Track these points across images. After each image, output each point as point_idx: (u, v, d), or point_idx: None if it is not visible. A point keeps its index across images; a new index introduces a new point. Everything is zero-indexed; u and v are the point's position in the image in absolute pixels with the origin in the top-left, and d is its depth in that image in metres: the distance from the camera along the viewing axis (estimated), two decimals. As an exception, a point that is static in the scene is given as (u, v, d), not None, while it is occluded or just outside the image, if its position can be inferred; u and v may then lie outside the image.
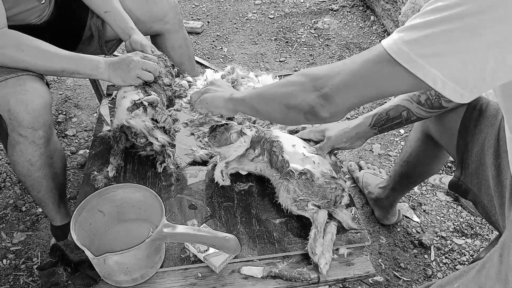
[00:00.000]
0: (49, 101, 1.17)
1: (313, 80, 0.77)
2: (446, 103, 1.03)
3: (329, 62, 2.50)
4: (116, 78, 1.23)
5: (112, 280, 0.92)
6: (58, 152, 1.30)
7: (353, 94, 0.73)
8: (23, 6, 1.30)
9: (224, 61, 2.53)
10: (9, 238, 1.57)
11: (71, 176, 1.80)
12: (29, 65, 1.15)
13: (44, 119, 1.15)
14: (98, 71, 1.21)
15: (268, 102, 0.87)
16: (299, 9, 3.00)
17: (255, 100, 0.92)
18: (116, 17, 1.41)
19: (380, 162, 1.88)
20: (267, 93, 0.89)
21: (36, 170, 1.23)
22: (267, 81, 1.38)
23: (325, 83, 0.74)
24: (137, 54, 1.27)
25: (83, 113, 2.13)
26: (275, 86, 0.87)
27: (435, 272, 1.46)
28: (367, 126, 1.10)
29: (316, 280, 0.93)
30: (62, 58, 1.18)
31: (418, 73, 0.63)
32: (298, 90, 0.79)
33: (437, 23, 0.60)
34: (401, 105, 1.06)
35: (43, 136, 1.18)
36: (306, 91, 0.77)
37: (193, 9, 3.04)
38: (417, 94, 1.05)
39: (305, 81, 0.78)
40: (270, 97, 0.87)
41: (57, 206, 1.37)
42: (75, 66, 1.19)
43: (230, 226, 1.06)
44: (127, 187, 1.00)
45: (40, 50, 1.16)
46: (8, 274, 1.46)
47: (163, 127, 1.19)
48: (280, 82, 0.86)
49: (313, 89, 0.76)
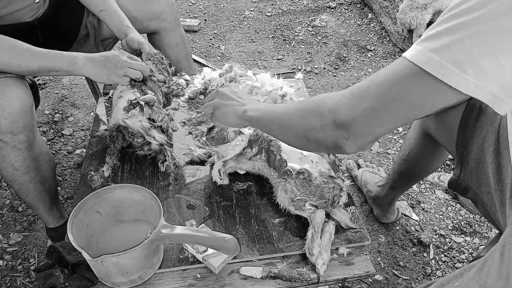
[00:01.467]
0: (28, 103, 1.12)
1: (333, 113, 0.69)
2: None
3: (327, 59, 2.50)
4: (100, 75, 1.20)
5: (110, 281, 0.91)
6: (44, 155, 1.25)
7: (381, 121, 0.65)
8: (16, 5, 1.28)
9: (221, 59, 2.52)
10: (5, 239, 1.56)
11: (68, 176, 1.78)
12: (3, 65, 1.11)
13: (24, 123, 1.10)
14: (75, 66, 1.17)
15: (285, 131, 0.81)
16: (297, 6, 2.99)
17: (273, 126, 0.85)
18: (112, 15, 1.40)
19: (378, 160, 1.88)
20: (284, 122, 0.81)
21: (21, 175, 1.20)
22: (265, 79, 1.38)
23: (347, 116, 0.67)
24: (123, 53, 1.24)
25: (79, 112, 2.12)
26: (293, 114, 0.79)
27: (434, 270, 1.46)
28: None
29: (316, 280, 0.93)
30: (37, 55, 1.14)
31: (453, 82, 0.57)
32: (318, 125, 0.71)
33: (467, 26, 0.55)
34: None
35: (24, 141, 1.13)
36: (326, 126, 0.70)
37: (190, 7, 3.02)
38: None
39: (324, 113, 0.70)
40: (288, 126, 0.80)
41: (48, 209, 1.35)
42: (51, 63, 1.15)
43: (229, 226, 1.05)
44: (124, 188, 0.99)
45: (14, 48, 1.12)
46: (4, 275, 1.44)
47: (160, 126, 1.18)
48: (297, 109, 0.78)
49: (334, 125, 0.69)
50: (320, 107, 0.71)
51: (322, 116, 0.70)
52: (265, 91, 1.33)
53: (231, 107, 0.96)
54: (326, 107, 0.70)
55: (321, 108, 0.71)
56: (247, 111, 0.91)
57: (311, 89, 2.28)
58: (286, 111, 0.82)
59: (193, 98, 1.41)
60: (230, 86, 1.06)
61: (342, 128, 0.68)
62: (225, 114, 0.97)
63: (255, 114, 0.89)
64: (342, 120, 0.67)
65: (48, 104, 2.15)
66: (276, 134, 0.86)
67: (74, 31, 1.51)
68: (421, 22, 2.22)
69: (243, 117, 0.92)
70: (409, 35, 2.36)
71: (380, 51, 2.55)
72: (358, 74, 2.39)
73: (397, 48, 2.54)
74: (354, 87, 0.69)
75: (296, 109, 0.79)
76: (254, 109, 0.91)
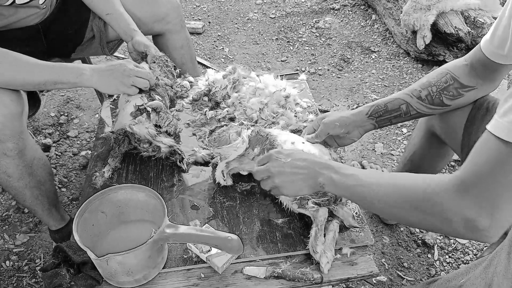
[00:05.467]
0: (16, 110, 1.08)
1: (465, 221, 0.65)
2: (448, 101, 1.03)
3: (330, 61, 2.50)
4: (108, 86, 1.18)
5: (115, 281, 0.92)
6: (37, 160, 1.23)
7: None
8: (23, 13, 1.29)
9: (225, 61, 2.53)
10: (11, 239, 1.57)
11: (73, 177, 1.80)
12: (8, 79, 1.07)
13: (11, 130, 1.08)
14: (82, 77, 1.14)
15: (396, 205, 0.74)
16: (300, 8, 3.00)
17: (384, 200, 0.76)
18: (118, 19, 1.40)
19: (382, 161, 1.87)
20: (395, 195, 0.74)
21: (15, 181, 1.19)
22: (268, 81, 1.38)
23: (486, 222, 0.63)
24: (130, 62, 1.22)
25: (85, 114, 2.13)
26: (398, 205, 0.73)
27: (439, 272, 1.45)
28: (365, 115, 1.09)
29: (319, 280, 0.93)
30: (43, 68, 1.11)
31: None
32: (445, 227, 0.68)
33: None
34: (401, 99, 1.06)
35: (13, 148, 1.11)
36: (459, 230, 0.66)
37: (194, 9, 3.04)
38: (418, 89, 1.05)
39: (453, 221, 0.66)
40: (394, 214, 0.76)
41: (47, 212, 1.35)
42: (58, 76, 1.11)
43: (233, 226, 1.05)
44: (129, 188, 1.00)
45: (18, 62, 1.08)
46: (11, 276, 1.46)
47: (166, 131, 1.19)
48: (401, 201, 0.73)
49: (469, 230, 0.65)
50: (440, 211, 0.67)
51: (451, 223, 0.67)
52: (268, 92, 1.33)
53: (297, 176, 0.88)
54: (451, 212, 0.66)
55: (445, 214, 0.67)
56: (324, 186, 0.85)
57: (314, 90, 2.28)
58: (394, 185, 0.75)
59: (197, 99, 1.42)
60: (281, 151, 0.94)
61: (480, 230, 0.64)
62: (294, 185, 0.89)
63: (336, 191, 0.84)
64: (482, 226, 0.64)
65: (54, 106, 2.17)
66: (385, 212, 0.82)
67: (79, 34, 1.53)
68: (425, 23, 2.21)
69: (320, 189, 0.87)
70: (412, 36, 2.35)
71: (384, 53, 2.55)
72: (362, 76, 2.39)
73: (401, 49, 2.54)
74: (460, 179, 0.66)
75: (406, 186, 0.73)
76: (331, 183, 0.84)
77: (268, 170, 0.91)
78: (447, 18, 2.19)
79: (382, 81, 2.35)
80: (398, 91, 1.11)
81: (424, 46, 2.25)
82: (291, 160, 0.89)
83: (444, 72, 1.04)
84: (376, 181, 0.77)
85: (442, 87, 1.03)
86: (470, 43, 2.18)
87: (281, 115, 1.31)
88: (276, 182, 0.90)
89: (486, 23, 2.15)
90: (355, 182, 0.80)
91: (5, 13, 1.25)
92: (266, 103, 1.32)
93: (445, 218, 0.67)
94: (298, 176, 0.88)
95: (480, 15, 2.19)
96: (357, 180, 0.80)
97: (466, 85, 1.02)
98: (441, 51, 2.29)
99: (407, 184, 0.73)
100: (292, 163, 0.89)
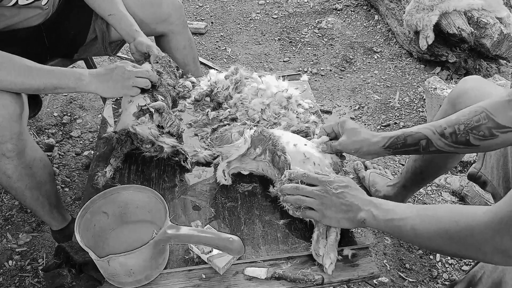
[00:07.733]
0: (14, 111, 1.08)
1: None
2: (476, 141, 0.93)
3: (333, 61, 2.50)
4: (109, 90, 1.17)
5: (117, 281, 0.92)
6: (37, 162, 1.23)
7: None
8: (25, 14, 1.29)
9: (228, 62, 2.53)
10: (14, 239, 1.58)
11: (76, 177, 1.80)
12: (6, 83, 1.07)
13: (10, 131, 1.08)
14: (81, 83, 1.14)
15: (432, 237, 0.78)
16: (303, 8, 2.99)
17: (421, 234, 0.80)
18: (121, 20, 1.40)
19: (385, 162, 1.87)
20: (431, 228, 0.78)
21: (15, 182, 1.19)
22: (270, 81, 1.38)
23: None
24: (127, 63, 1.21)
25: (87, 114, 2.14)
26: (437, 224, 0.77)
27: (441, 273, 1.45)
28: (381, 147, 1.03)
29: (320, 281, 0.93)
30: (42, 72, 1.10)
31: None
32: (489, 260, 0.73)
33: None
34: (422, 133, 0.98)
35: (12, 149, 1.12)
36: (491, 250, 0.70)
37: (196, 9, 3.04)
38: (443, 126, 0.96)
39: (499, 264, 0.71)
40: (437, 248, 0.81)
41: (49, 212, 1.35)
42: (57, 80, 1.11)
43: (234, 227, 1.06)
44: (131, 189, 1.00)
45: (17, 66, 1.08)
46: (13, 276, 1.46)
47: (169, 131, 1.19)
48: (446, 238, 0.76)
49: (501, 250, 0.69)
50: (476, 245, 0.72)
51: (485, 254, 0.71)
52: (270, 93, 1.33)
53: (341, 207, 0.92)
54: (487, 246, 0.70)
55: (482, 248, 0.71)
56: (365, 222, 0.89)
57: (317, 91, 2.28)
58: (435, 219, 0.79)
59: (199, 100, 1.42)
60: (336, 180, 0.95)
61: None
62: (336, 216, 0.93)
63: (376, 226, 0.88)
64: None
65: (57, 107, 2.18)
66: (411, 242, 0.87)
67: (82, 35, 1.53)
68: (428, 24, 2.21)
69: (361, 225, 0.91)
70: (415, 36, 2.35)
71: (386, 53, 2.55)
72: (365, 76, 2.38)
73: (404, 50, 2.53)
74: (499, 217, 0.69)
75: (435, 234, 0.77)
76: (372, 219, 0.88)
77: (317, 195, 0.94)
78: (450, 18, 2.19)
79: (384, 81, 2.34)
80: (422, 124, 1.05)
81: (426, 46, 2.24)
82: (341, 192, 0.92)
83: (479, 111, 0.92)
84: (413, 215, 0.82)
85: (472, 126, 0.92)
86: (473, 43, 2.17)
87: (283, 116, 1.31)
88: (322, 210, 0.94)
89: (489, 24, 2.14)
90: (393, 216, 0.85)
91: (8, 14, 1.26)
92: (268, 104, 1.32)
93: (480, 250, 0.71)
94: (342, 207, 0.92)
95: (484, 16, 2.18)
96: (395, 215, 0.85)
97: (503, 125, 0.89)
98: (444, 51, 2.28)
99: (443, 219, 0.77)
100: (342, 195, 0.92)
